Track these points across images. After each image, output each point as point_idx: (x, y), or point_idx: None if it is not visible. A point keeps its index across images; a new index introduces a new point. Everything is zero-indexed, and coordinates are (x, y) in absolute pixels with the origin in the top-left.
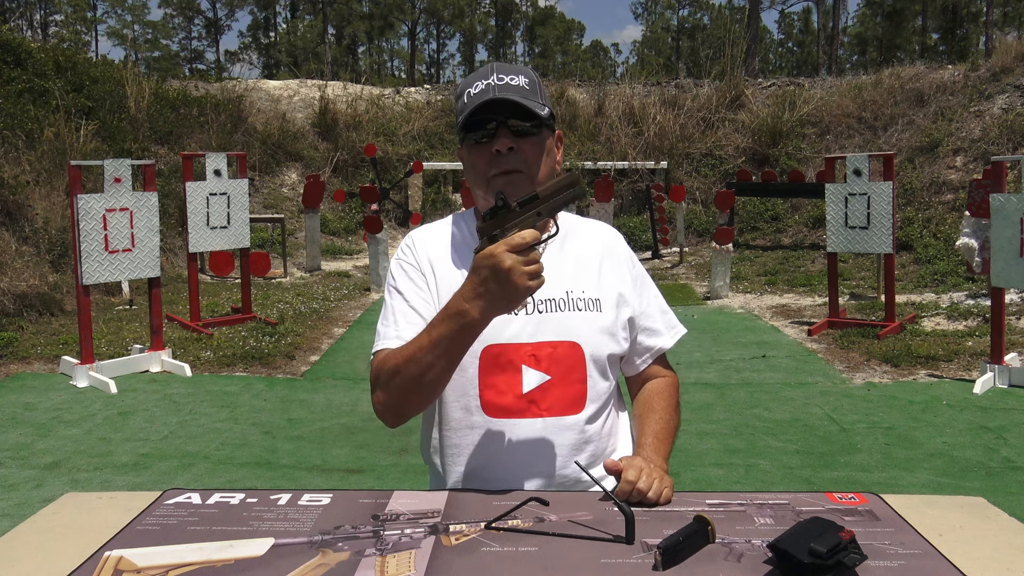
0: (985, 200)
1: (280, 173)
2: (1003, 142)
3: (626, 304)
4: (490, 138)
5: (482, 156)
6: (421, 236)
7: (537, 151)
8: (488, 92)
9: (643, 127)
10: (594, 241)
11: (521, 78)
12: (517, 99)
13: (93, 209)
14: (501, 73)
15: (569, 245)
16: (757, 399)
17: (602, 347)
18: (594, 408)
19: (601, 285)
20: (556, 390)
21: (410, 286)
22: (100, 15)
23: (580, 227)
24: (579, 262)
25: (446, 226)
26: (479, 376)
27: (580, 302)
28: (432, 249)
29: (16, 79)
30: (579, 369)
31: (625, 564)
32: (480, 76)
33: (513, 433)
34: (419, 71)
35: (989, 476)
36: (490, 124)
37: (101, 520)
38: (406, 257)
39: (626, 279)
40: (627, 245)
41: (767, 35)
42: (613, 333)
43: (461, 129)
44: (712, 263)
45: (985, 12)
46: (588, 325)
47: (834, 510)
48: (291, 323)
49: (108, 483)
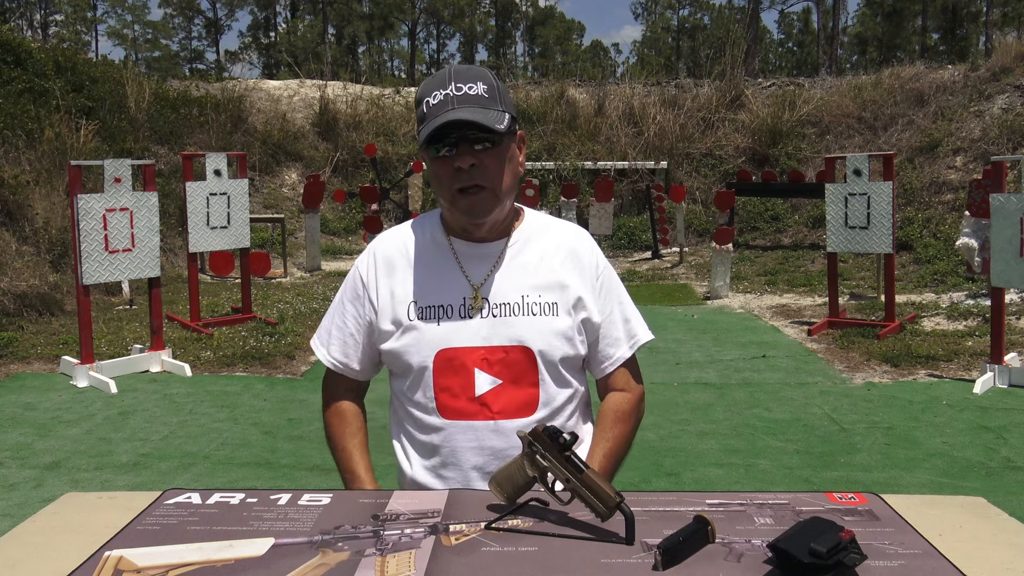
0: (985, 200)
1: (280, 173)
2: (1003, 142)
3: (584, 308)
4: (451, 152)
5: (445, 169)
6: (383, 244)
7: (498, 163)
8: (447, 104)
9: (643, 127)
10: (558, 244)
11: (480, 85)
12: (475, 116)
13: (93, 209)
14: (459, 81)
15: (531, 248)
16: (757, 399)
17: (555, 351)
18: (547, 411)
19: (559, 289)
20: (508, 393)
21: (353, 311)
22: (100, 15)
23: (546, 229)
24: (539, 263)
25: (409, 231)
26: (434, 378)
27: (535, 306)
28: (392, 255)
29: (16, 79)
30: (531, 373)
31: (625, 564)
32: (438, 84)
33: (467, 434)
34: (419, 71)
35: (989, 476)
36: (451, 137)
37: (101, 520)
38: (362, 270)
39: (587, 283)
40: (596, 249)
41: (767, 35)
42: (569, 337)
43: (423, 142)
44: (712, 263)
45: (985, 12)
46: (541, 329)
47: (834, 510)
48: (291, 323)
49: (108, 483)
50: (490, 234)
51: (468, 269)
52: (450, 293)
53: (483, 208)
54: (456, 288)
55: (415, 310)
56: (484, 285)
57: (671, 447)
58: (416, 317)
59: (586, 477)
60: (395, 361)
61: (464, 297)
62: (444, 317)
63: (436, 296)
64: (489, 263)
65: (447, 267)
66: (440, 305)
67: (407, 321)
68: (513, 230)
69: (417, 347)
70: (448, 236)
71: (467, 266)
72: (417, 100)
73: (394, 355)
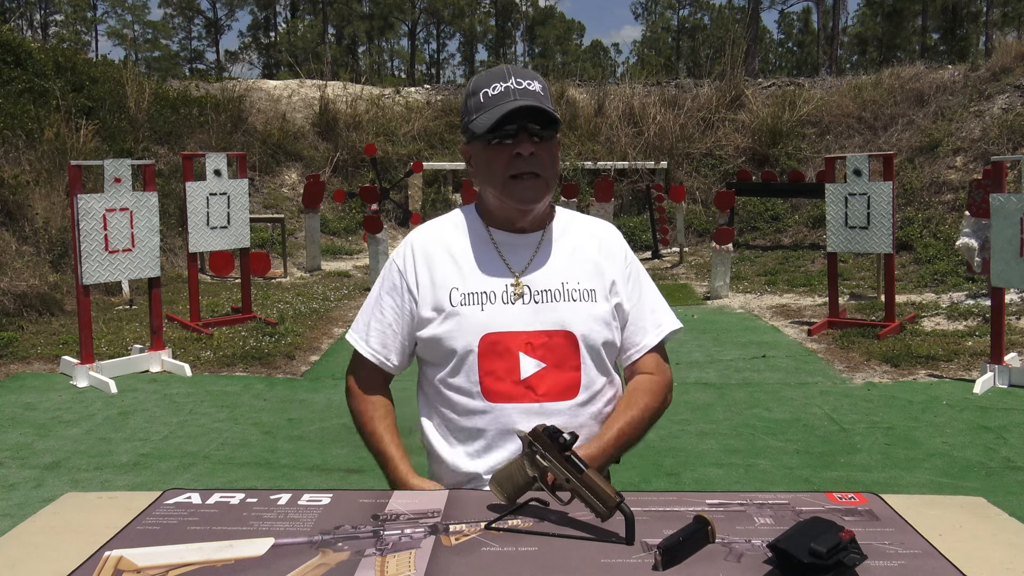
0: (985, 200)
1: (280, 173)
2: (1003, 142)
3: (616, 294)
4: (510, 140)
5: (501, 157)
6: (421, 236)
7: (552, 155)
8: (509, 96)
9: (643, 127)
10: (591, 235)
11: (536, 83)
12: (539, 105)
13: (93, 209)
14: (518, 77)
15: (567, 238)
16: (757, 399)
17: (596, 335)
18: (587, 395)
19: (596, 276)
20: (552, 376)
21: (392, 303)
22: (100, 15)
23: (579, 222)
24: (575, 254)
25: (448, 222)
26: (479, 362)
27: (575, 292)
28: (432, 246)
29: (16, 79)
30: (573, 357)
31: (625, 564)
32: (497, 78)
33: (511, 416)
34: (419, 71)
35: (989, 476)
36: (510, 127)
37: (101, 520)
38: (400, 263)
39: (620, 272)
40: (624, 242)
41: (767, 35)
42: (608, 322)
43: (483, 129)
44: (712, 263)
45: (985, 12)
46: (583, 314)
47: (834, 510)
48: (291, 323)
49: (108, 483)
50: (530, 225)
51: (508, 257)
52: (492, 280)
53: (536, 195)
54: (498, 275)
55: (457, 296)
56: (525, 272)
57: (671, 447)
58: (459, 303)
59: (586, 477)
60: (435, 347)
61: (506, 284)
62: (487, 303)
63: (478, 283)
64: (528, 252)
65: (488, 255)
66: (483, 292)
67: (449, 307)
68: (548, 223)
69: (461, 332)
70: (487, 226)
71: (507, 254)
72: (472, 91)
73: (435, 341)
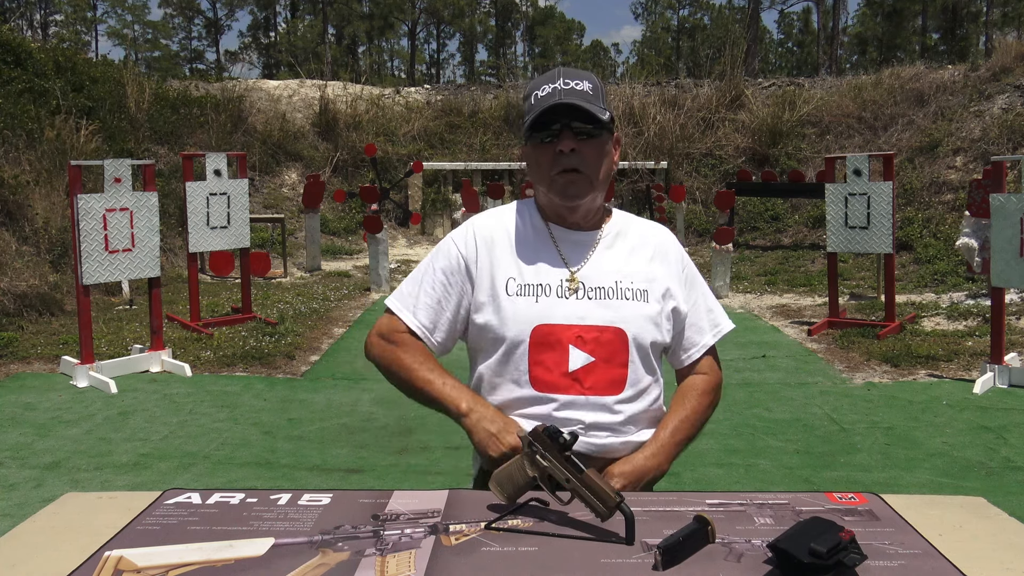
0: (985, 200)
1: (280, 173)
2: (1003, 142)
3: (672, 298)
4: (554, 138)
5: (546, 155)
6: (483, 222)
7: (597, 153)
8: (554, 96)
9: (643, 127)
10: (646, 238)
11: (585, 83)
12: (580, 103)
13: (93, 209)
14: (567, 78)
15: (622, 239)
16: (757, 399)
17: (646, 334)
18: (632, 392)
19: (649, 277)
20: (599, 371)
21: (444, 280)
22: (100, 15)
23: (635, 225)
24: (630, 255)
25: (509, 213)
26: (529, 353)
27: (628, 291)
28: (493, 234)
29: (16, 79)
30: (622, 353)
31: (625, 564)
32: (547, 80)
33: (556, 406)
34: (419, 71)
35: (989, 476)
36: (555, 126)
37: (101, 520)
38: (461, 245)
39: (674, 276)
40: (680, 246)
41: (767, 35)
42: (658, 323)
43: (528, 129)
44: (712, 263)
45: (985, 12)
46: (634, 313)
47: (834, 510)
48: (291, 323)
49: (108, 483)
50: (585, 222)
51: (565, 253)
52: (548, 273)
53: (578, 190)
54: (554, 269)
55: (514, 286)
56: (581, 269)
57: None
58: (514, 293)
59: (586, 477)
60: (487, 334)
61: (562, 279)
62: (542, 295)
63: (534, 275)
64: (585, 249)
65: (545, 249)
66: (539, 284)
67: (505, 296)
68: (604, 223)
69: (515, 320)
70: (546, 222)
71: (564, 250)
72: (526, 95)
73: (488, 328)
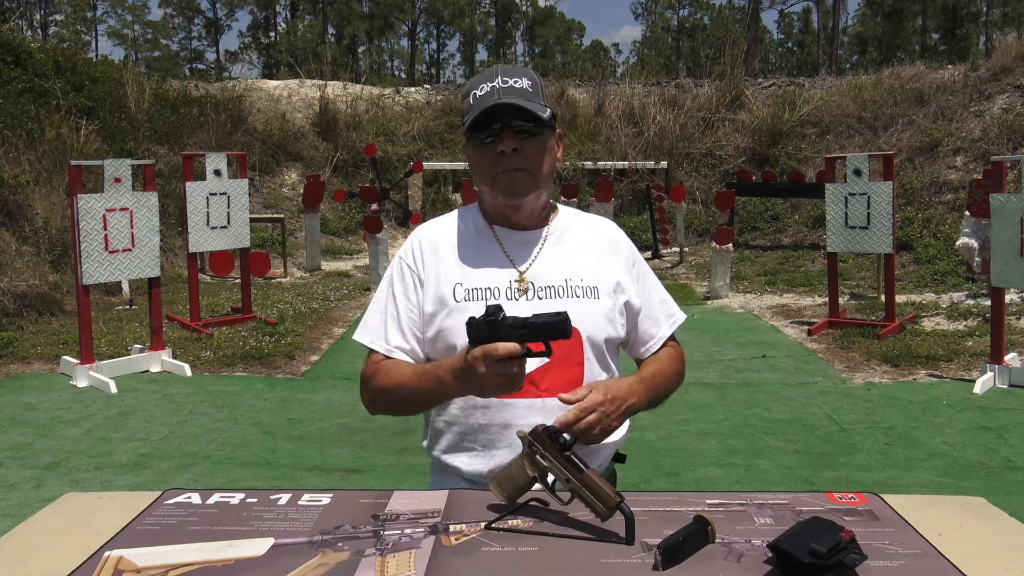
0: (985, 200)
1: (280, 173)
2: (1003, 142)
3: (623, 291)
4: (495, 139)
5: (487, 155)
6: (427, 231)
7: (539, 150)
8: (493, 95)
9: (643, 127)
10: (594, 233)
11: (524, 80)
12: (520, 102)
13: (93, 209)
14: (505, 76)
15: (570, 236)
16: (757, 399)
17: (599, 332)
18: None
19: (599, 273)
20: (555, 371)
21: (402, 292)
22: (100, 15)
23: (581, 220)
24: (578, 251)
25: (452, 219)
26: None
27: (578, 289)
28: (437, 240)
29: (16, 79)
30: (577, 353)
31: (625, 564)
32: (485, 79)
33: (514, 412)
34: (419, 71)
35: (989, 476)
36: (495, 125)
37: (101, 520)
38: (407, 257)
39: (625, 269)
40: (627, 238)
41: (767, 35)
42: (611, 319)
43: (468, 129)
44: (712, 263)
45: (985, 12)
46: (586, 311)
47: (834, 510)
48: (291, 323)
49: (108, 483)
50: (529, 222)
51: (512, 253)
52: (496, 276)
53: (522, 187)
54: (501, 270)
55: (461, 291)
56: (529, 269)
57: (671, 447)
58: (463, 298)
59: (586, 477)
60: (439, 343)
61: (510, 279)
62: (491, 298)
63: (482, 279)
64: (531, 248)
65: (491, 252)
66: (487, 287)
67: (453, 302)
68: (550, 221)
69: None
70: (490, 224)
71: (510, 250)
72: (464, 94)
73: (440, 336)
